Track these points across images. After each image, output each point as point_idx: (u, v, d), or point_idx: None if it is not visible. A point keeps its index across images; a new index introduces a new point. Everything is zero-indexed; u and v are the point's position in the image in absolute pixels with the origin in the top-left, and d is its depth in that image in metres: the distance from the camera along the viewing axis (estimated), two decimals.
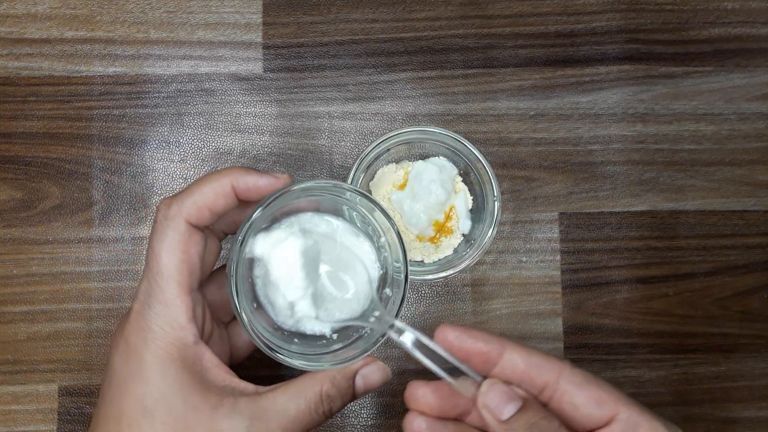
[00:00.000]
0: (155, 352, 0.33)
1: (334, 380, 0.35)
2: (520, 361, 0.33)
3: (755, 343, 0.48)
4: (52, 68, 0.47)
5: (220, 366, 0.34)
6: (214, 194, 0.34)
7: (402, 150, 0.45)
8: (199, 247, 0.34)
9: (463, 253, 0.43)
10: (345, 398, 0.35)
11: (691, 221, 0.49)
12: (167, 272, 0.33)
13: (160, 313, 0.33)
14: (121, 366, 0.33)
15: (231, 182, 0.34)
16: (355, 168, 0.42)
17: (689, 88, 0.49)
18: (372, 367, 0.36)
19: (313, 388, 0.34)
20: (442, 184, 0.44)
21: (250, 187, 0.35)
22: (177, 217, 0.34)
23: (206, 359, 0.34)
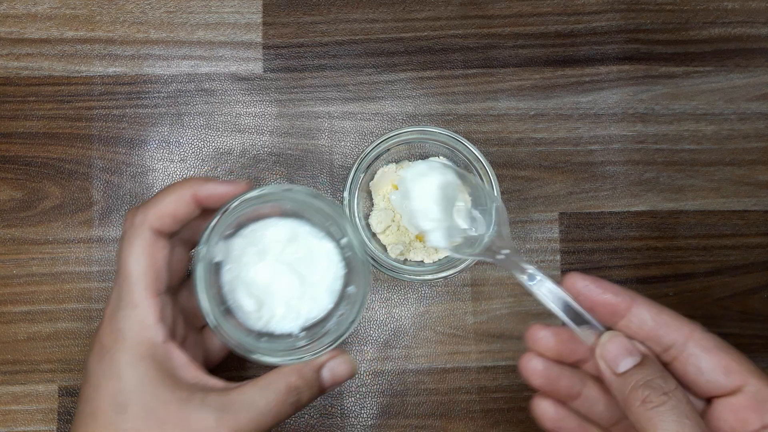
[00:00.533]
0: (126, 351, 0.34)
1: (301, 372, 0.36)
2: (649, 318, 0.33)
3: (755, 343, 0.48)
4: (52, 68, 0.47)
5: (190, 364, 0.36)
6: (175, 203, 0.36)
7: (402, 150, 0.45)
8: (164, 252, 0.36)
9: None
10: (312, 390, 0.36)
11: (691, 221, 0.49)
12: (134, 277, 0.35)
13: (129, 315, 0.35)
14: (96, 366, 0.35)
15: (192, 191, 0.36)
16: (355, 168, 0.42)
17: (689, 88, 0.49)
18: (338, 359, 0.37)
19: (280, 380, 0.35)
20: None
21: (211, 195, 0.36)
22: (142, 225, 0.36)
23: (176, 357, 0.35)
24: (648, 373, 0.31)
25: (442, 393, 0.47)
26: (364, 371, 0.47)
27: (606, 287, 0.33)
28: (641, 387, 0.31)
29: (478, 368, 0.47)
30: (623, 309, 0.33)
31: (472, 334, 0.47)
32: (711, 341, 0.32)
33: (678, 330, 0.32)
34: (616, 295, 0.33)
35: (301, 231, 0.40)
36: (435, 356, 0.47)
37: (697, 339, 0.32)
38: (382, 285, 0.47)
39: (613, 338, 0.32)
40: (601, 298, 0.33)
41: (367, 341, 0.47)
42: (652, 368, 0.32)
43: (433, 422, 0.47)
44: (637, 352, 0.32)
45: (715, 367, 0.32)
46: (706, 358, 0.32)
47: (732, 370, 0.32)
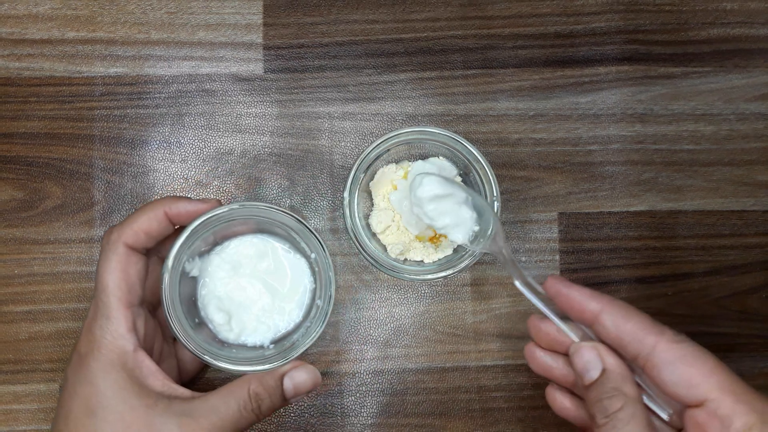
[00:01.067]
0: (99, 359, 0.37)
1: (262, 380, 0.38)
2: (612, 329, 0.34)
3: (753, 342, 0.49)
4: (54, 69, 0.47)
5: (159, 372, 0.38)
6: (148, 220, 0.39)
7: (402, 150, 0.45)
8: (137, 267, 0.39)
9: (463, 252, 0.44)
10: (274, 398, 0.38)
11: (689, 221, 0.49)
12: (108, 289, 0.38)
13: (103, 325, 0.37)
14: (72, 373, 0.38)
15: (163, 208, 0.39)
16: (355, 168, 0.42)
17: (688, 89, 0.49)
18: (300, 369, 0.39)
19: (241, 387, 0.37)
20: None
21: (181, 212, 0.39)
22: (117, 241, 0.38)
23: (145, 366, 0.38)
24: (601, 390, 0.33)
25: (441, 392, 0.47)
26: (364, 370, 0.47)
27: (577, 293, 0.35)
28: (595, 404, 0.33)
29: (478, 367, 0.47)
30: (590, 317, 0.35)
31: (471, 334, 0.47)
32: (676, 352, 0.33)
33: (641, 342, 0.33)
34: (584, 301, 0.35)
35: (273, 247, 0.43)
36: (435, 355, 0.47)
37: (661, 351, 0.33)
38: (382, 285, 0.47)
39: (580, 350, 0.34)
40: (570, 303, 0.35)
41: (367, 340, 0.47)
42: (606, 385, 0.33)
43: (432, 421, 0.47)
44: (599, 365, 0.33)
45: (678, 381, 0.32)
46: (668, 372, 0.33)
47: (694, 384, 0.32)
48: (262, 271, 0.43)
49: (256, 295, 0.42)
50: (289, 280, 0.43)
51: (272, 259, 0.43)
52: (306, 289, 0.43)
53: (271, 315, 0.42)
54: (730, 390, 0.32)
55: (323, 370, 0.47)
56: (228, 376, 0.45)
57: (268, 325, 0.42)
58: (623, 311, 0.34)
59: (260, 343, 0.42)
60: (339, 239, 0.47)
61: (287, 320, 0.43)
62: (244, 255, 0.43)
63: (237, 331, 0.42)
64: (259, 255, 0.43)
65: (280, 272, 0.43)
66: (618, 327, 0.34)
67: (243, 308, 0.42)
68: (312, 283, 0.43)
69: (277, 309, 0.43)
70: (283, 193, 0.47)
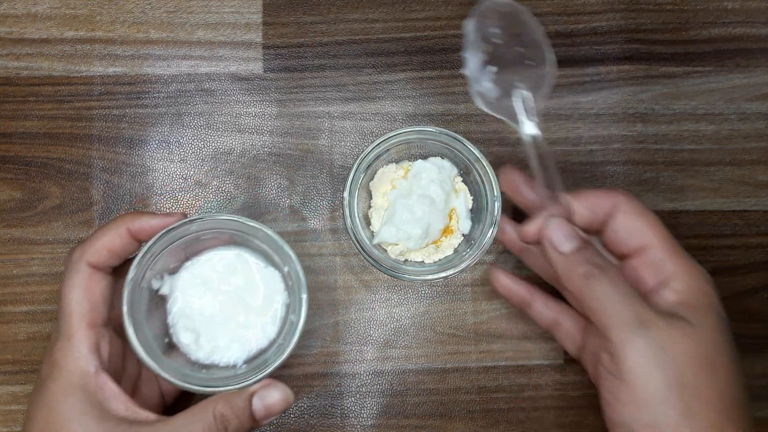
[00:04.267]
0: (58, 381, 0.36)
1: (229, 401, 0.36)
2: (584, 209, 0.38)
3: (755, 343, 0.48)
4: (52, 68, 0.47)
5: (123, 395, 0.36)
6: (110, 237, 0.38)
7: (402, 150, 0.45)
8: (101, 286, 0.38)
9: (463, 253, 0.43)
10: (242, 419, 0.36)
11: (691, 221, 0.49)
12: (70, 309, 0.37)
13: (63, 346, 0.36)
14: (34, 396, 0.37)
15: (126, 225, 0.38)
16: (355, 168, 0.42)
17: (689, 88, 0.49)
18: (270, 388, 0.37)
19: (206, 409, 0.36)
20: (440, 184, 0.44)
21: (144, 228, 0.38)
22: (79, 260, 0.37)
23: (108, 389, 0.36)
24: (588, 253, 0.36)
25: (442, 393, 0.47)
26: (364, 371, 0.47)
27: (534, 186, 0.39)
28: (582, 263, 0.36)
29: (478, 368, 0.47)
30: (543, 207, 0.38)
31: (472, 334, 0.47)
32: (631, 206, 0.38)
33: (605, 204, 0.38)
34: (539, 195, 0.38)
35: (244, 260, 0.41)
36: (435, 356, 0.47)
37: (620, 204, 0.38)
38: (382, 285, 0.47)
39: (559, 223, 0.37)
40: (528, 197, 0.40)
41: (367, 341, 0.47)
42: (592, 250, 0.36)
43: (433, 422, 0.47)
44: (578, 237, 0.37)
45: (627, 228, 0.38)
46: (621, 221, 0.38)
47: (640, 232, 0.37)
48: (234, 287, 0.41)
49: (228, 312, 0.41)
50: (262, 295, 0.41)
51: (243, 273, 0.41)
52: (280, 303, 0.41)
53: (243, 332, 0.40)
54: (668, 240, 0.37)
55: (323, 371, 0.47)
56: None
57: (241, 343, 0.40)
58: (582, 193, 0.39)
59: (233, 361, 0.40)
60: (338, 239, 0.47)
61: (261, 337, 0.41)
62: (214, 270, 0.41)
63: (208, 350, 0.40)
64: (230, 270, 0.41)
65: (252, 287, 0.41)
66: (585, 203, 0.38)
67: (214, 326, 0.40)
68: (286, 297, 0.41)
69: (250, 325, 0.41)
70: (283, 193, 0.47)
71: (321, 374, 0.47)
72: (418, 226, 0.43)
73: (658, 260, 0.37)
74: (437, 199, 0.43)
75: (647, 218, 0.38)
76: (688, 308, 0.36)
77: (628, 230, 0.38)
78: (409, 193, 0.44)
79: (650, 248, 0.37)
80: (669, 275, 0.37)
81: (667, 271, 0.37)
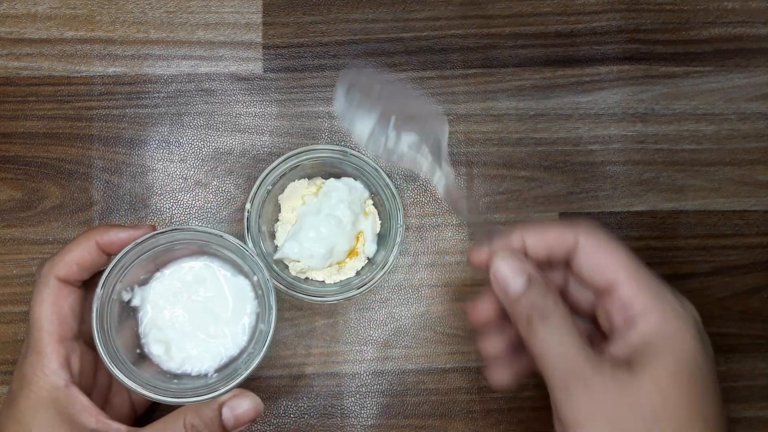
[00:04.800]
0: (28, 396, 0.36)
1: (199, 411, 0.36)
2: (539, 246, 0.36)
3: (755, 343, 0.48)
4: (52, 68, 0.47)
5: (93, 408, 0.37)
6: (80, 251, 0.38)
7: (317, 166, 0.44)
8: (70, 300, 0.38)
9: (364, 276, 0.43)
10: (212, 430, 0.36)
11: (691, 221, 0.49)
12: (39, 324, 0.37)
13: (33, 361, 0.36)
14: (4, 411, 0.37)
15: (94, 238, 0.38)
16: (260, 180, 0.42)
17: (689, 88, 0.49)
18: (240, 398, 0.36)
19: (176, 420, 0.36)
20: (350, 205, 0.43)
21: (113, 241, 0.38)
22: (48, 275, 0.37)
23: (79, 402, 0.36)
24: (534, 294, 0.34)
25: (442, 393, 0.47)
26: (364, 371, 0.47)
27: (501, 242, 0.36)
28: (525, 306, 0.34)
29: (478, 368, 0.47)
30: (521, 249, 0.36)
31: (472, 334, 0.47)
32: (593, 241, 0.35)
33: (565, 241, 0.35)
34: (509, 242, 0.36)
35: (212, 270, 0.41)
36: (435, 356, 0.47)
37: (580, 242, 0.35)
38: (382, 285, 0.47)
39: (502, 261, 0.35)
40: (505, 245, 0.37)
41: (367, 341, 0.47)
42: (536, 290, 0.34)
43: (433, 422, 0.47)
44: (525, 272, 0.35)
45: (591, 266, 0.35)
46: (584, 259, 0.35)
47: (604, 268, 0.34)
48: (203, 297, 0.41)
49: (198, 323, 0.41)
50: (232, 305, 0.41)
51: (213, 283, 0.41)
52: (249, 312, 0.41)
53: (214, 342, 0.40)
54: (634, 275, 0.34)
55: (323, 371, 0.47)
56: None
57: (211, 353, 0.40)
58: (539, 227, 0.36)
59: (204, 371, 0.40)
60: None
61: (231, 346, 0.41)
62: (184, 281, 0.41)
63: (179, 360, 0.40)
64: (199, 280, 0.41)
65: (221, 297, 0.41)
66: (542, 241, 0.36)
67: (184, 337, 0.40)
68: (256, 306, 0.41)
69: (220, 335, 0.41)
70: None
71: (321, 374, 0.47)
72: (323, 245, 0.42)
73: (626, 298, 0.34)
74: (345, 220, 0.43)
75: (612, 253, 0.35)
76: (649, 351, 0.33)
77: (593, 268, 0.35)
78: (318, 211, 0.43)
79: (618, 285, 0.34)
80: (636, 314, 0.33)
81: (635, 309, 0.33)
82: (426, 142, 0.39)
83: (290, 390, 0.46)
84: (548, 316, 0.33)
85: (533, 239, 0.36)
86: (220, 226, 0.47)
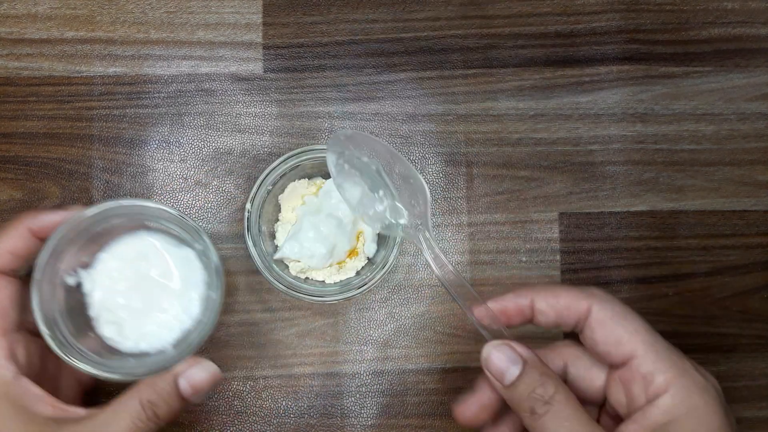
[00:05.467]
0: None
1: (155, 386, 0.36)
2: (549, 309, 0.35)
3: (755, 343, 0.48)
4: (53, 68, 0.47)
5: (48, 397, 0.36)
6: (11, 239, 0.37)
7: (317, 166, 0.44)
8: (8, 291, 0.37)
9: (365, 276, 0.43)
10: (171, 402, 0.36)
11: (690, 221, 0.49)
12: None
13: None
14: None
15: (26, 225, 0.37)
16: (261, 180, 0.42)
17: (689, 88, 0.49)
18: (194, 367, 0.36)
19: (132, 398, 0.35)
20: None
21: (45, 224, 0.37)
22: None
23: (31, 393, 0.36)
24: (530, 382, 0.33)
25: (442, 393, 0.47)
26: (364, 371, 0.47)
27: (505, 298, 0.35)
28: (525, 398, 0.32)
29: (478, 368, 0.47)
30: (528, 309, 0.35)
31: (472, 335, 0.47)
32: (607, 312, 0.34)
33: (576, 310, 0.34)
34: (516, 299, 0.35)
35: (152, 244, 0.40)
36: (435, 356, 0.47)
37: (594, 313, 0.34)
38: (382, 285, 0.47)
39: (494, 350, 0.34)
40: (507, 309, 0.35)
41: (367, 341, 0.47)
42: (533, 376, 0.33)
43: (433, 422, 0.47)
44: (518, 359, 0.33)
45: (607, 339, 0.33)
46: (598, 331, 0.34)
47: (621, 342, 0.33)
48: (149, 272, 0.40)
49: (147, 299, 0.40)
50: (179, 277, 0.40)
51: (156, 257, 0.40)
52: (199, 281, 0.40)
53: (166, 316, 0.40)
54: (652, 348, 0.33)
55: (323, 371, 0.47)
56: None
57: (168, 328, 0.40)
58: (551, 290, 0.35)
59: (161, 346, 0.40)
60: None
61: (184, 318, 0.40)
62: (125, 259, 0.40)
63: (134, 339, 0.39)
64: (141, 256, 0.40)
65: (166, 270, 0.40)
66: (553, 306, 0.34)
67: (136, 315, 0.40)
68: (204, 275, 0.40)
69: (172, 308, 0.40)
70: None
71: (321, 374, 0.47)
72: (324, 244, 0.42)
73: (646, 372, 0.32)
74: (345, 220, 0.43)
75: (626, 324, 0.33)
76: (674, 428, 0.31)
77: (609, 341, 0.33)
78: (318, 211, 0.43)
79: (636, 358, 0.33)
80: (658, 390, 0.32)
81: (657, 384, 0.32)
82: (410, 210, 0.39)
83: (290, 390, 0.46)
84: (552, 403, 0.32)
85: (544, 303, 0.35)
86: (220, 226, 0.47)
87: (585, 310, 0.34)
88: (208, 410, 0.46)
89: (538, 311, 0.35)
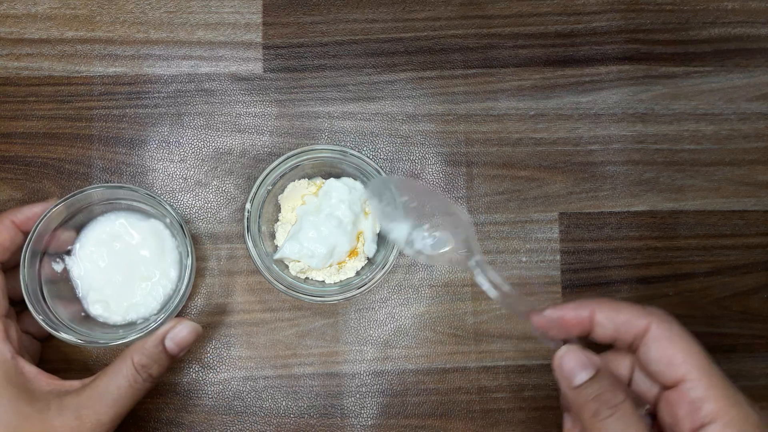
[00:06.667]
0: None
1: (144, 349, 0.39)
2: (608, 323, 0.34)
3: (755, 343, 0.48)
4: (52, 68, 0.47)
5: (42, 374, 0.39)
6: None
7: (317, 166, 0.44)
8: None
9: (365, 276, 0.43)
10: (161, 362, 0.39)
11: (690, 221, 0.49)
12: None
13: None
14: None
15: (9, 218, 0.40)
16: (260, 180, 0.42)
17: (689, 88, 0.49)
18: (177, 327, 0.39)
19: (125, 362, 0.38)
20: (350, 205, 0.43)
21: (29, 217, 0.41)
22: None
23: (27, 371, 0.39)
24: (599, 387, 0.33)
25: (442, 393, 0.47)
26: (364, 371, 0.47)
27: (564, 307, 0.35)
28: (592, 400, 0.33)
29: (478, 368, 0.47)
30: (587, 321, 0.35)
31: (472, 334, 0.47)
32: (665, 331, 0.33)
33: (635, 326, 0.34)
34: (576, 309, 0.35)
35: (121, 222, 0.44)
36: (435, 356, 0.47)
37: (652, 330, 0.34)
38: (382, 285, 0.47)
39: (569, 353, 0.34)
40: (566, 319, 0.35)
41: (367, 341, 0.47)
42: (603, 382, 0.33)
43: (433, 422, 0.47)
44: (590, 366, 0.34)
45: (660, 359, 0.33)
46: (654, 349, 0.33)
47: (674, 363, 0.33)
48: (126, 248, 0.43)
49: (128, 273, 0.43)
50: (153, 246, 0.43)
51: (128, 234, 0.44)
52: (172, 248, 0.44)
53: (148, 285, 0.43)
54: (706, 374, 0.32)
55: (323, 371, 0.47)
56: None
57: (153, 295, 0.43)
58: (612, 304, 0.35)
59: (148, 314, 0.43)
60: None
61: (165, 284, 0.43)
62: (101, 240, 0.43)
63: (122, 312, 0.43)
64: (114, 235, 0.44)
65: (142, 243, 0.44)
66: (613, 320, 0.34)
67: (120, 290, 0.43)
68: (175, 242, 0.44)
69: (152, 277, 0.43)
70: None
71: (321, 374, 0.47)
72: (324, 244, 0.42)
73: (696, 399, 0.32)
74: (345, 220, 0.43)
75: (683, 346, 0.33)
76: None
77: (662, 360, 0.33)
78: (318, 211, 0.43)
79: (687, 382, 0.32)
80: (706, 418, 0.31)
81: (705, 412, 0.32)
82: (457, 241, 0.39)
83: (290, 390, 0.46)
84: (616, 409, 0.32)
85: (604, 316, 0.35)
86: (220, 226, 0.47)
87: (644, 328, 0.34)
88: (208, 410, 0.46)
89: (598, 324, 0.35)
